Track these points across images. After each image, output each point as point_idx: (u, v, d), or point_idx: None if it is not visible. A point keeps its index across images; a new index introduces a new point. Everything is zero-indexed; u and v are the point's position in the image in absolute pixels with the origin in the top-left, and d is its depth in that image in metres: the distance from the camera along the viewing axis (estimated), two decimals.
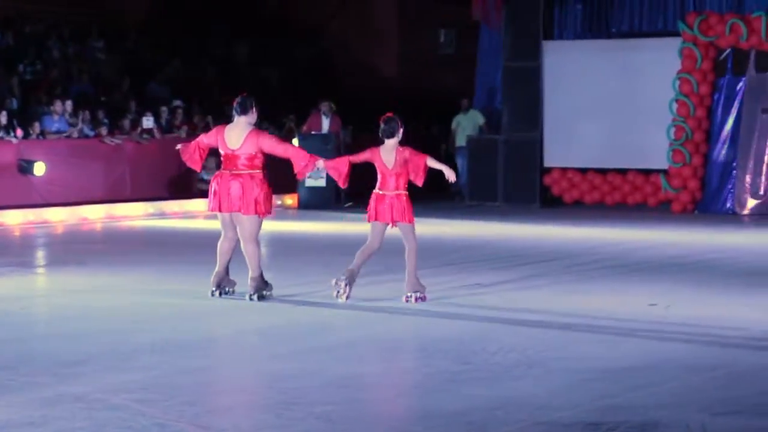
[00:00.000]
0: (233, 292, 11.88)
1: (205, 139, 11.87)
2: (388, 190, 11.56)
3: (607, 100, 22.36)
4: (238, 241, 11.72)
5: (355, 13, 31.19)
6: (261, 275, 11.63)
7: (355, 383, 8.08)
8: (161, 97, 24.80)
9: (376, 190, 11.64)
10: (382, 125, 11.69)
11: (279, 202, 22.58)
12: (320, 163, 11.73)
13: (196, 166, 12.24)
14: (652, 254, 15.69)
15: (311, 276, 13.13)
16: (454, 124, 24.43)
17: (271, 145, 11.60)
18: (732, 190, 21.38)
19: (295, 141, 22.74)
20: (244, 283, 11.70)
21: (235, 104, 11.66)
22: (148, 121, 22.63)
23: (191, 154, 11.93)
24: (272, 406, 7.41)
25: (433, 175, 12.27)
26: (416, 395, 7.85)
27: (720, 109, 21.54)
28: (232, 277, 11.90)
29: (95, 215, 20.30)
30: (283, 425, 7.03)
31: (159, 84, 25.74)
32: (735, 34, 21.16)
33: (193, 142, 12.04)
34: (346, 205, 22.36)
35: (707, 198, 21.70)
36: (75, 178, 21.26)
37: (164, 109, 23.58)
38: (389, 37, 31.36)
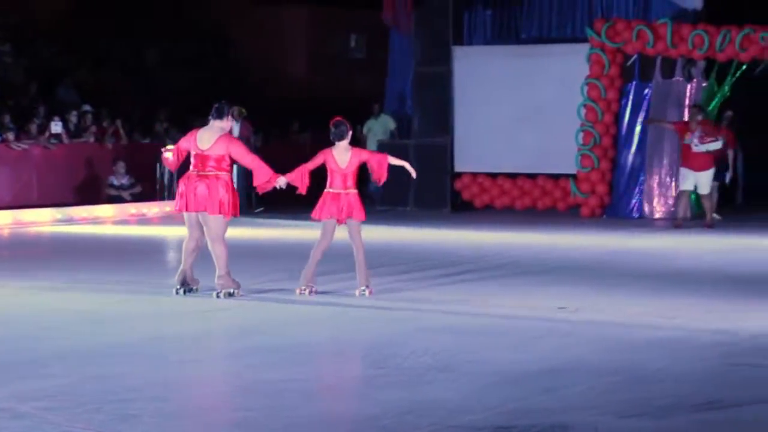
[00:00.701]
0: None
1: (183, 143, 12.27)
2: (339, 188, 12.12)
3: (517, 105, 22.53)
4: (201, 240, 12.09)
5: (265, 17, 31.13)
6: (228, 274, 11.96)
7: (270, 388, 8.06)
8: (70, 101, 24.54)
9: (327, 189, 12.18)
10: (332, 129, 12.27)
11: None
12: (282, 181, 12.15)
13: (172, 167, 12.60)
14: (560, 258, 15.84)
15: None
16: (365, 129, 24.46)
17: (240, 153, 12.05)
18: (640, 195, 21.65)
19: None
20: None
21: (212, 109, 12.10)
22: (56, 126, 22.38)
23: (170, 157, 12.35)
24: (184, 413, 7.36)
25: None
26: (329, 400, 7.86)
27: (627, 115, 21.80)
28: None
29: (2, 221, 20.01)
30: None
31: (67, 88, 25.47)
32: (641, 40, 21.43)
33: (175, 147, 12.42)
34: (257, 210, 22.30)
35: (615, 202, 21.95)
36: None
37: (73, 113, 23.33)
38: (299, 41, 31.35)
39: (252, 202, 22.44)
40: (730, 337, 9.94)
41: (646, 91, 21.70)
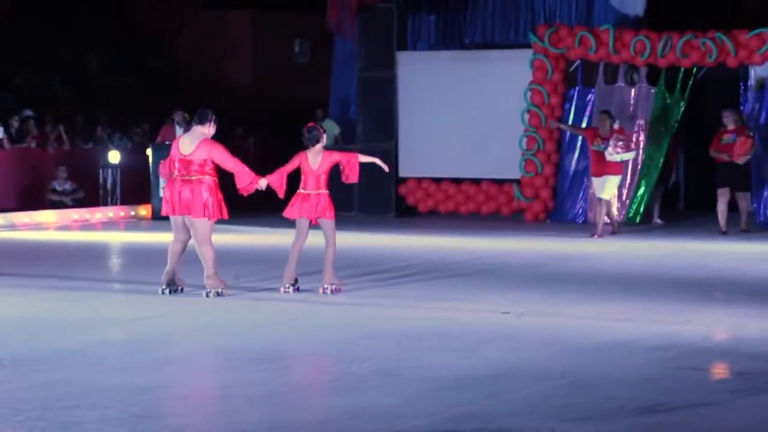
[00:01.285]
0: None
1: (173, 151, 12.50)
2: (311, 189, 12.64)
3: (461, 110, 22.58)
4: (187, 243, 12.45)
5: (208, 21, 31.01)
6: (216, 274, 12.24)
7: (211, 395, 8.03)
8: (11, 107, 24.32)
9: (299, 190, 12.70)
10: (306, 134, 12.81)
11: (132, 213, 22.33)
12: (263, 182, 12.51)
13: (164, 176, 12.79)
14: (505, 263, 15.89)
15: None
16: None
17: (221, 158, 12.33)
18: (583, 199, 21.75)
19: (149, 151, 22.52)
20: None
21: (195, 114, 12.52)
22: None
23: (164, 167, 12.62)
24: (125, 420, 7.31)
25: (288, 186, 12.56)
26: (272, 406, 7.83)
27: (571, 120, 21.88)
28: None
29: None
30: None
31: (9, 94, 25.24)
32: (584, 46, 21.55)
33: (168, 158, 12.69)
34: None
35: (559, 207, 22.04)
36: None
37: (15, 118, 23.12)
38: (243, 46, 31.25)
39: None
40: (673, 341, 10.01)
41: (589, 96, 21.81)
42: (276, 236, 17.91)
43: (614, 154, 18.68)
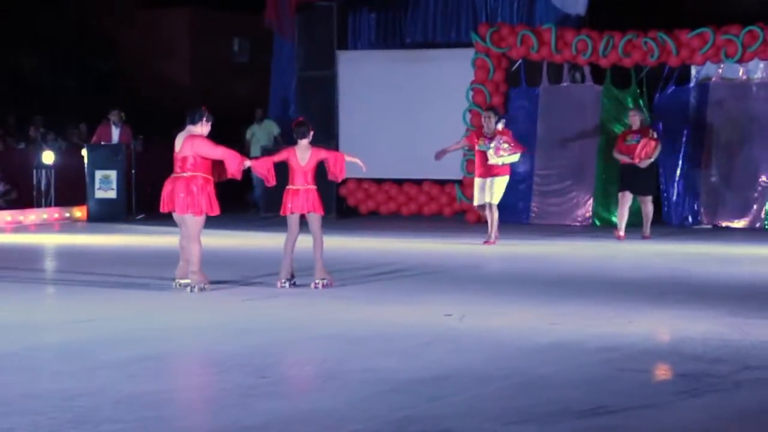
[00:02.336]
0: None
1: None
2: (299, 184, 13.04)
3: (402, 110, 22.53)
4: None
5: (147, 21, 30.79)
6: (201, 270, 12.60)
7: (147, 400, 7.86)
8: None
9: (288, 186, 13.09)
10: (294, 128, 13.20)
11: (67, 215, 22.06)
12: (247, 162, 12.85)
13: None
14: (447, 264, 15.84)
15: (104, 292, 12.86)
16: (248, 135, 24.26)
17: (206, 150, 12.59)
18: (528, 200, 21.73)
19: (84, 151, 22.29)
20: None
21: (187, 116, 12.78)
22: None
23: None
24: (58, 426, 7.16)
25: (229, 186, 12.47)
26: (211, 411, 7.70)
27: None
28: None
29: None
30: None
31: None
32: (526, 45, 21.57)
33: None
34: (138, 217, 21.99)
35: (501, 208, 21.97)
36: None
37: None
38: (181, 45, 31.07)
39: (132, 210, 22.18)
40: (615, 343, 9.98)
41: (536, 92, 21.79)
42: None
43: (496, 156, 17.57)
